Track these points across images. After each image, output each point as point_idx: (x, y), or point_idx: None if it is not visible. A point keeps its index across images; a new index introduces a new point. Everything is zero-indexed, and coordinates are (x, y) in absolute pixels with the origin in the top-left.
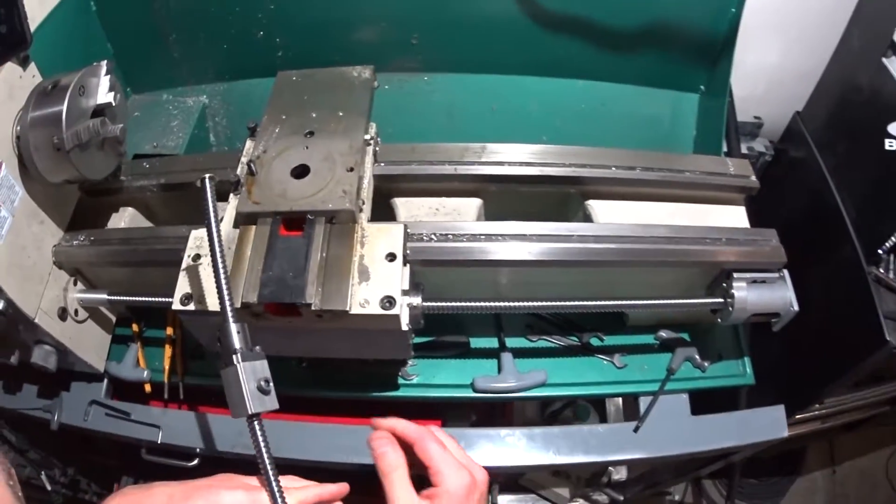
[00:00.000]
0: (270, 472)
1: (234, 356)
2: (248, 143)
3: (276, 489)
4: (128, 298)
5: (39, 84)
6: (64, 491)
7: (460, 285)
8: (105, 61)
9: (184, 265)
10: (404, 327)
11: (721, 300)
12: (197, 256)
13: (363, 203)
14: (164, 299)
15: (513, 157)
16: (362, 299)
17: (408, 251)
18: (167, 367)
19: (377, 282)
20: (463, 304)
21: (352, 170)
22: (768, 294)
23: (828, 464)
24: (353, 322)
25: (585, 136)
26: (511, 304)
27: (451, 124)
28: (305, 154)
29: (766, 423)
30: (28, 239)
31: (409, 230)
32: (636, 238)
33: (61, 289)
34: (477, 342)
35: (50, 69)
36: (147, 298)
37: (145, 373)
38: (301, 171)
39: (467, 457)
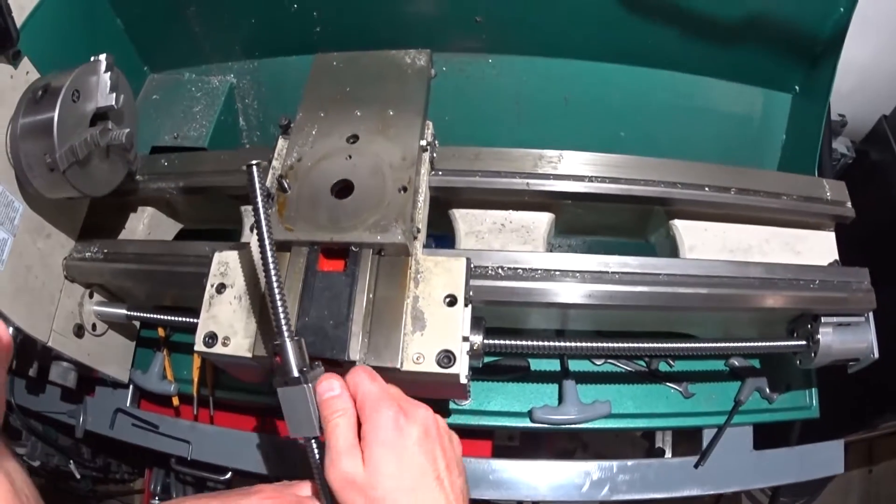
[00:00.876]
0: (324, 492)
1: (298, 376)
2: (280, 143)
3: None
4: (149, 316)
5: (30, 87)
6: (94, 474)
7: (524, 314)
8: (104, 56)
9: (206, 297)
10: (463, 380)
11: (804, 343)
12: (221, 287)
13: (418, 230)
14: (190, 320)
15: (593, 171)
16: (416, 354)
17: (470, 292)
18: (196, 379)
19: (434, 331)
20: (529, 343)
21: (405, 189)
22: (852, 339)
23: (865, 462)
24: (404, 377)
25: (667, 134)
26: (583, 344)
27: (519, 114)
28: (348, 165)
29: (825, 459)
30: (34, 258)
31: (471, 263)
32: (729, 280)
33: (76, 303)
34: (537, 364)
35: (50, 58)
36: (171, 318)
37: (172, 386)
38: (343, 188)
39: (409, 398)
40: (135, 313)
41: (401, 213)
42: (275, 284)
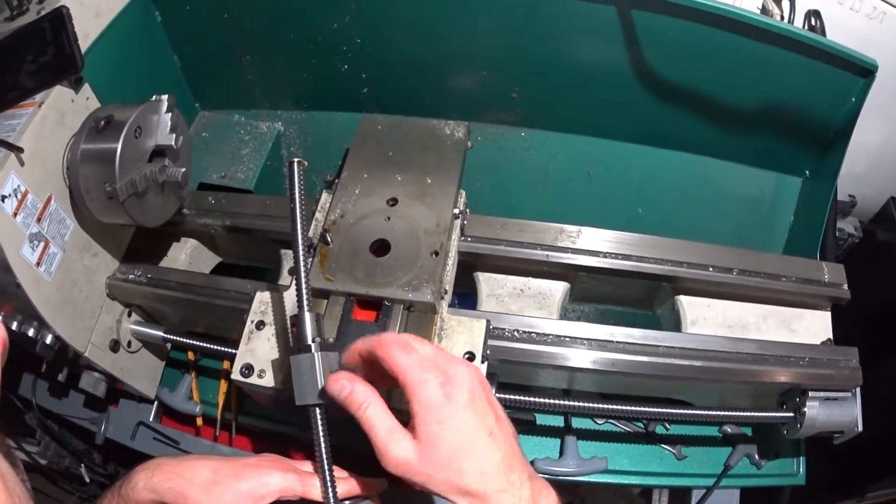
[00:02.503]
0: (325, 461)
1: (311, 344)
2: (325, 197)
3: (328, 476)
4: (186, 341)
5: (92, 114)
6: (103, 479)
7: (534, 373)
8: (166, 97)
9: (246, 331)
10: None
11: (791, 415)
12: (261, 324)
13: (445, 291)
14: (224, 349)
15: (608, 248)
16: None
17: (488, 350)
18: (221, 403)
19: None
20: (537, 399)
21: (437, 254)
22: (837, 412)
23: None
24: None
25: (682, 212)
26: (586, 405)
27: (546, 185)
28: (387, 227)
29: None
30: (80, 273)
31: (491, 325)
32: (724, 354)
33: (114, 320)
34: (543, 418)
35: (109, 85)
36: (206, 345)
37: (198, 407)
38: (381, 247)
39: (443, 353)
40: (170, 336)
41: (431, 275)
42: (302, 262)
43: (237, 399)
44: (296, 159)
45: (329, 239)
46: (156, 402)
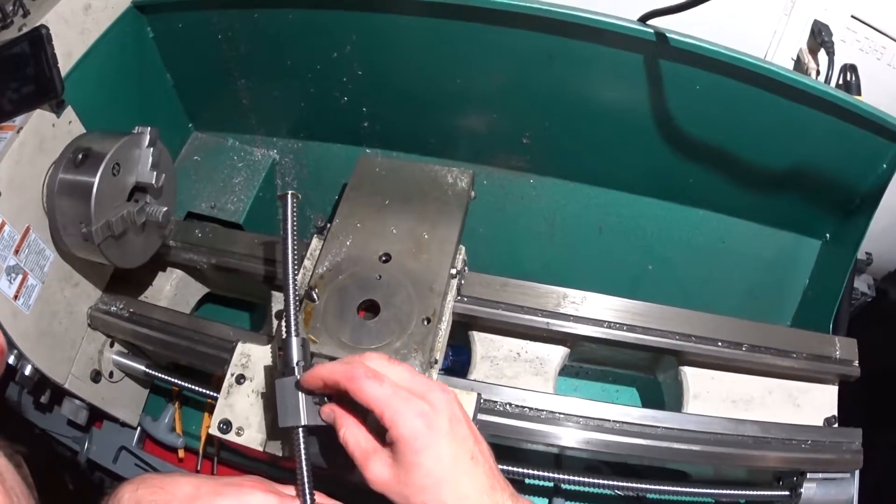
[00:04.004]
0: (307, 485)
1: (295, 367)
2: (315, 243)
3: (308, 501)
4: (168, 378)
5: (72, 143)
6: (85, 488)
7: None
8: (149, 129)
9: (225, 384)
10: None
11: (787, 493)
12: (241, 377)
13: (436, 361)
14: (206, 391)
15: (613, 317)
16: None
17: (477, 425)
18: (203, 438)
19: None
20: (527, 471)
21: (429, 321)
22: (834, 493)
23: None
24: None
25: (694, 270)
26: (578, 478)
27: (552, 235)
28: (377, 286)
29: None
30: (60, 304)
31: (482, 398)
32: (724, 437)
33: (96, 350)
34: (532, 479)
35: (96, 106)
36: (187, 385)
37: (180, 440)
38: (369, 308)
39: (418, 377)
40: (153, 372)
41: (421, 344)
42: (291, 288)
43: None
44: (290, 192)
45: (315, 296)
46: (139, 428)
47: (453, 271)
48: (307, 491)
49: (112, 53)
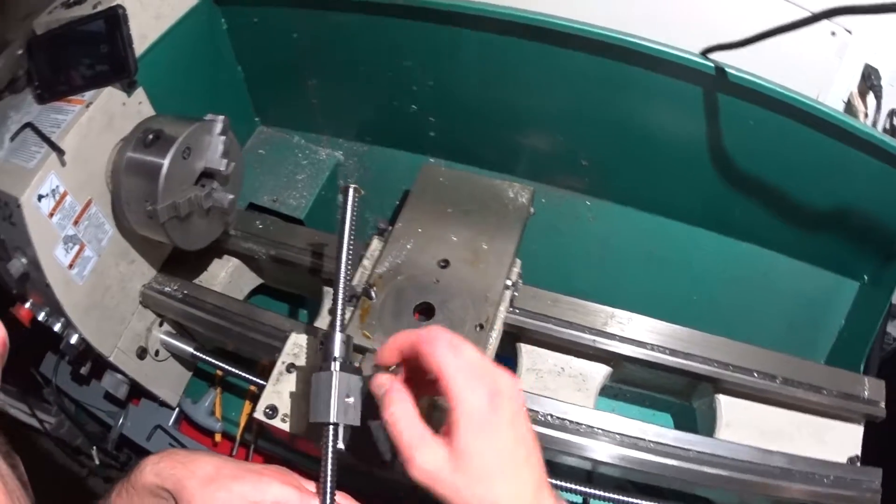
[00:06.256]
0: (329, 483)
1: (332, 363)
2: (375, 244)
3: (329, 498)
4: (215, 361)
5: (143, 123)
6: (113, 463)
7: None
8: (221, 118)
9: (275, 371)
10: None
11: None
12: (291, 367)
13: None
14: (253, 378)
15: (656, 340)
16: None
17: None
18: (242, 425)
19: None
20: (561, 483)
21: (482, 327)
22: None
23: None
24: None
25: (736, 302)
26: (608, 495)
27: (603, 258)
28: (435, 289)
29: None
30: (113, 279)
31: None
32: (753, 466)
33: (144, 328)
34: (564, 494)
35: (166, 91)
36: (234, 370)
37: (218, 424)
38: (425, 310)
39: (487, 361)
40: (200, 354)
41: None
42: (342, 280)
43: (258, 422)
44: (352, 185)
45: (373, 294)
46: (177, 409)
47: (508, 283)
48: (328, 489)
49: (185, 41)
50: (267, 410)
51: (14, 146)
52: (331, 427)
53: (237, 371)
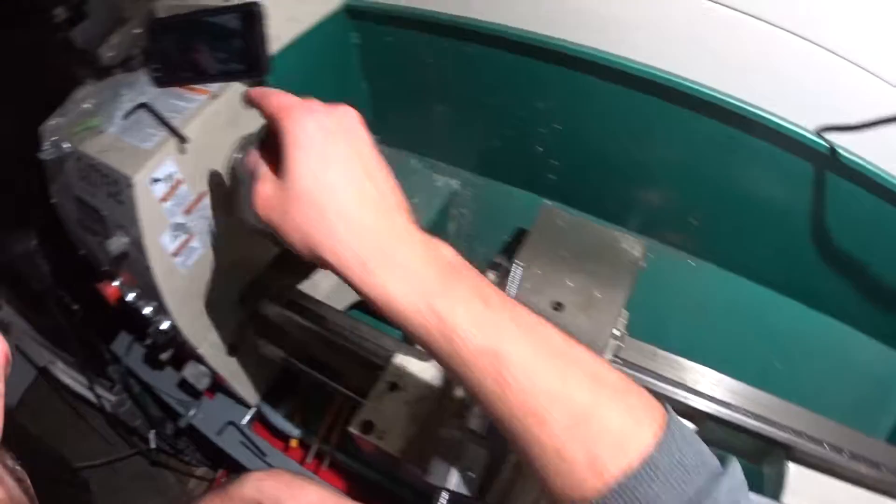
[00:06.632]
0: None
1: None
2: (490, 277)
3: None
4: (306, 369)
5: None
6: (168, 448)
7: None
8: None
9: (377, 389)
10: None
11: None
12: (394, 386)
13: None
14: (347, 392)
15: (741, 402)
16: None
17: None
18: (321, 435)
19: None
20: None
21: None
22: None
23: None
24: None
25: (813, 374)
26: None
27: (697, 318)
28: None
29: None
30: (217, 273)
31: None
32: None
33: (238, 325)
34: None
35: (288, 89)
36: (327, 380)
37: (296, 430)
38: None
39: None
40: (292, 360)
41: None
42: None
43: (340, 435)
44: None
45: None
46: (254, 409)
47: (616, 332)
48: None
49: (316, 49)
50: (364, 425)
51: (127, 125)
52: (444, 493)
53: (327, 380)
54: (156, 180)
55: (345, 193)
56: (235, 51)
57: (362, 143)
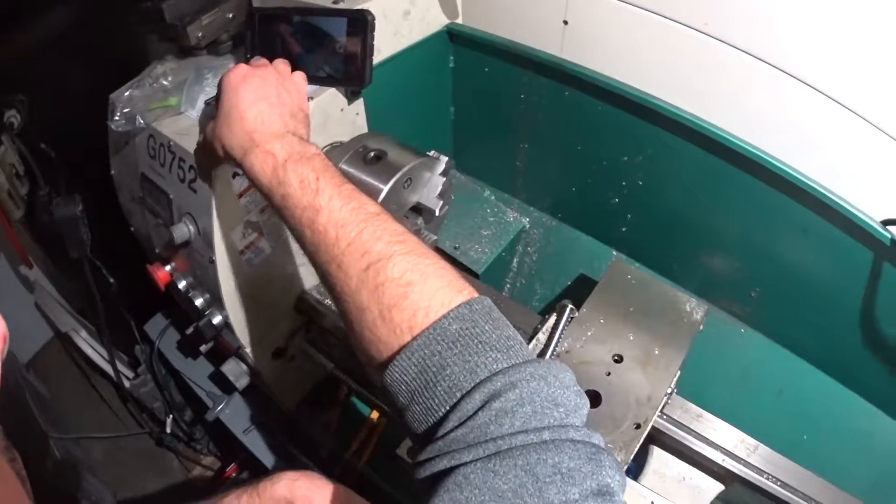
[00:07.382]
0: None
1: None
2: (551, 321)
3: None
4: (350, 381)
5: (362, 137)
6: (182, 435)
7: None
8: (446, 159)
9: None
10: None
11: None
12: None
13: (630, 460)
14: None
15: (773, 470)
16: None
17: None
18: (353, 449)
19: None
20: None
21: (639, 427)
22: None
23: None
24: None
25: (839, 448)
26: None
27: (737, 384)
28: (605, 381)
29: None
30: (278, 277)
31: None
32: None
33: (290, 330)
34: None
35: (381, 109)
36: (371, 396)
37: (330, 440)
38: (592, 398)
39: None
40: (338, 372)
41: (627, 445)
42: None
43: (373, 451)
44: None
45: None
46: (287, 414)
47: (669, 390)
48: None
49: (413, 67)
50: (409, 451)
51: (209, 111)
52: None
53: (373, 398)
54: (236, 174)
55: (245, 112)
56: (337, 56)
57: (269, 84)
